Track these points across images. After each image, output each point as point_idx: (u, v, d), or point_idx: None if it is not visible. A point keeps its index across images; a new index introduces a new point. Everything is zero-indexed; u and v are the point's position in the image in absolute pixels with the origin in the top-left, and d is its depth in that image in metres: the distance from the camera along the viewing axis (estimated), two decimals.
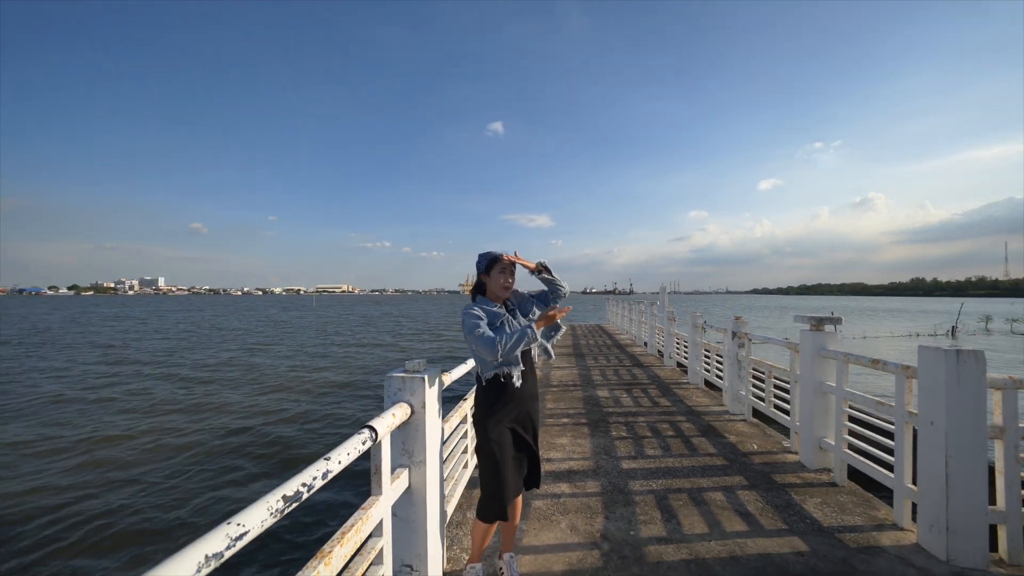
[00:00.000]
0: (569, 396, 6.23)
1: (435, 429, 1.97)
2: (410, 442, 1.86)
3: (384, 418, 1.60)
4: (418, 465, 1.86)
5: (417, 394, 1.86)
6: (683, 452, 3.98)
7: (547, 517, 2.81)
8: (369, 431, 1.46)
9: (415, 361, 1.94)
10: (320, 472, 1.18)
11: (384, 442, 1.57)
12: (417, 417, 1.86)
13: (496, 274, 2.16)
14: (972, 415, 2.26)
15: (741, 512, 2.86)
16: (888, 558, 2.35)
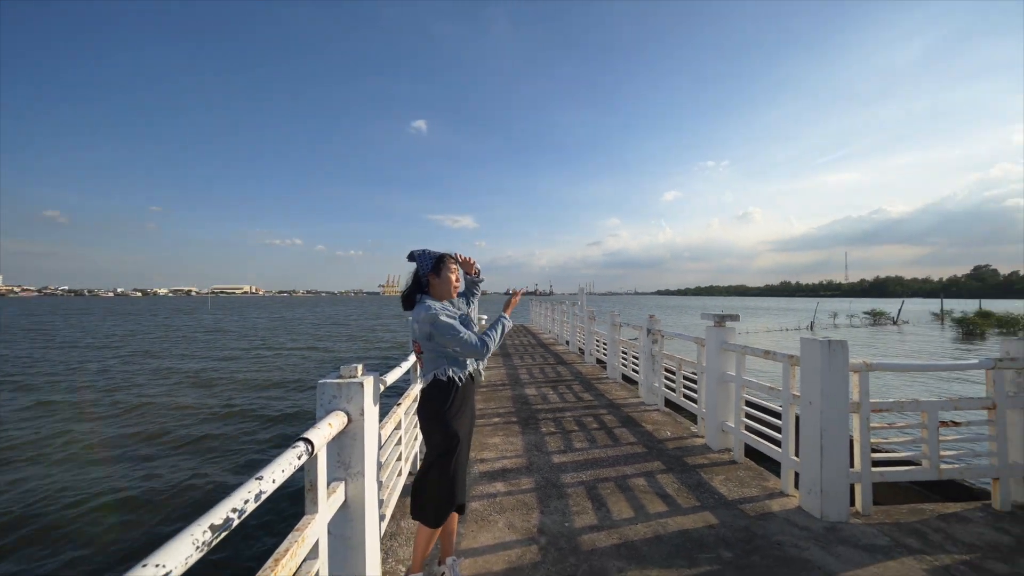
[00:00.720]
0: (499, 396, 6.29)
1: (373, 437, 1.86)
2: (347, 453, 1.73)
3: (320, 429, 1.47)
4: (355, 477, 1.73)
5: (354, 401, 1.74)
6: (607, 443, 4.23)
7: (484, 517, 2.80)
8: (304, 444, 1.33)
9: (350, 365, 1.81)
10: (252, 494, 1.05)
11: (320, 455, 1.44)
12: (355, 426, 1.74)
13: (447, 274, 2.17)
14: (839, 394, 2.73)
15: (661, 494, 3.12)
16: (778, 521, 2.73)
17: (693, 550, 2.43)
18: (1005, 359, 2.90)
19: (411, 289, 2.18)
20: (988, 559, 2.33)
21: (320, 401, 1.74)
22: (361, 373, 1.84)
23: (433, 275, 2.16)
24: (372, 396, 1.86)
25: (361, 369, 1.85)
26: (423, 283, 2.17)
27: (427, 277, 2.17)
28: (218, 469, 6.36)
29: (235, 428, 8.32)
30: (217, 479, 6.01)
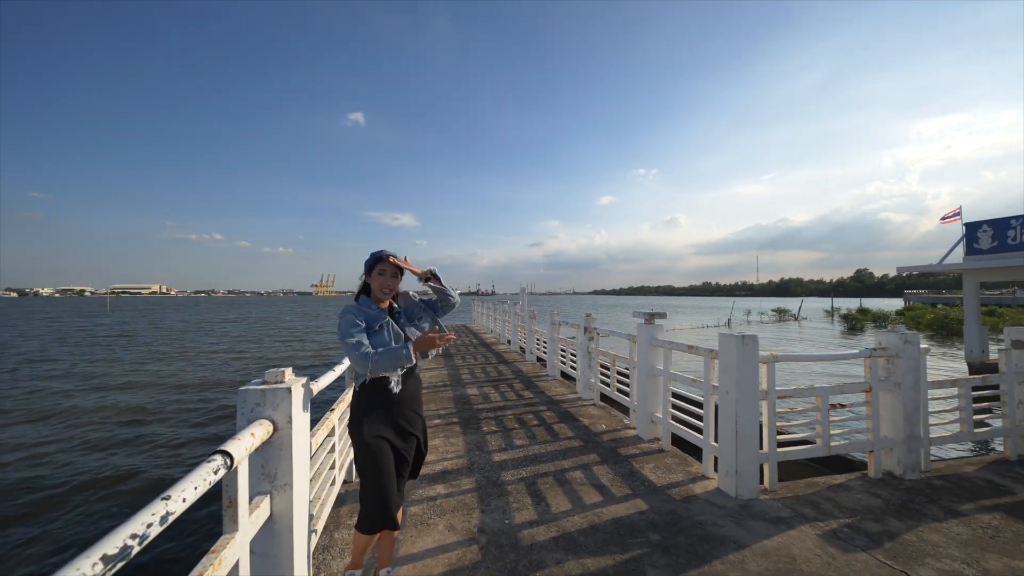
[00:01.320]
0: (440, 397, 6.19)
1: (303, 447, 1.75)
2: (272, 464, 1.61)
3: (241, 440, 1.35)
4: (282, 490, 1.62)
5: (281, 408, 1.62)
6: (547, 439, 4.33)
7: (424, 521, 2.75)
8: (222, 457, 1.21)
9: (276, 370, 1.69)
10: (157, 516, 0.94)
11: (241, 468, 1.33)
12: (281, 435, 1.62)
13: (376, 275, 2.07)
14: (751, 383, 3.02)
15: (596, 485, 3.25)
16: (700, 503, 2.96)
17: (625, 536, 2.56)
18: (878, 349, 3.40)
19: (359, 290, 2.16)
20: (865, 520, 2.71)
21: (242, 409, 1.60)
22: (289, 378, 1.72)
23: (368, 275, 2.12)
24: (301, 402, 1.75)
25: (289, 373, 1.73)
26: (366, 284, 2.13)
27: (366, 277, 2.12)
28: (123, 492, 5.61)
29: (146, 443, 7.39)
30: (120, 503, 5.30)
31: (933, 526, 2.65)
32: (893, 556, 2.35)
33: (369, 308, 2.06)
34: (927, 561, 2.30)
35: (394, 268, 2.09)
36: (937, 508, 2.87)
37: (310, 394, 1.91)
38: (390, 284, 2.08)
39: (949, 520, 2.72)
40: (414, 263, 2.18)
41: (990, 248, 12.42)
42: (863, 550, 2.40)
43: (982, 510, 2.85)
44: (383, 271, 2.08)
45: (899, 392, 3.31)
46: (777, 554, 2.36)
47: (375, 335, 2.01)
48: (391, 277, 2.09)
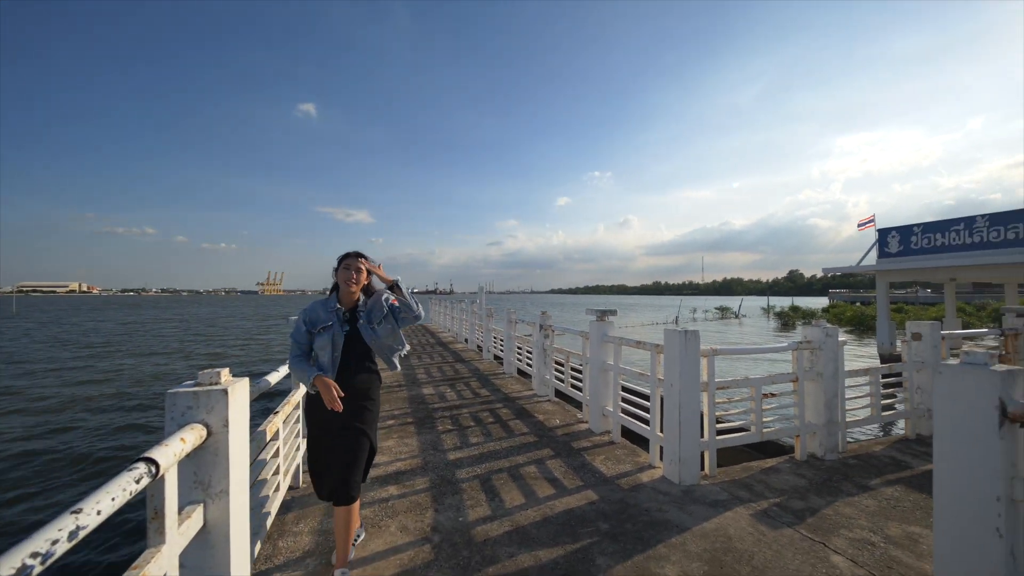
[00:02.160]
0: (394, 397, 6.05)
1: (242, 451, 1.65)
2: (206, 471, 1.51)
3: (169, 446, 1.25)
4: (218, 498, 1.52)
5: (216, 411, 1.52)
6: (502, 435, 4.36)
7: (376, 524, 2.68)
8: (146, 465, 1.12)
9: (212, 371, 1.58)
10: (65, 532, 0.86)
11: (169, 476, 1.23)
12: (216, 439, 1.52)
13: (341, 269, 2.24)
14: (693, 376, 3.21)
15: (550, 479, 3.32)
16: (647, 491, 3.11)
17: (576, 526, 2.64)
18: (804, 342, 3.72)
19: (332, 287, 2.32)
20: (791, 499, 2.96)
21: (171, 414, 1.48)
22: (226, 379, 1.61)
23: (335, 273, 2.28)
24: (240, 404, 1.65)
25: (226, 374, 1.63)
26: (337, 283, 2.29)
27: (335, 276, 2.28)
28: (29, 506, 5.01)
29: (60, 456, 6.63)
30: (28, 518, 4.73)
31: (847, 500, 2.94)
32: (814, 529, 2.58)
33: (324, 308, 2.22)
34: (841, 532, 2.56)
35: (358, 264, 2.24)
36: (851, 484, 3.19)
37: (250, 396, 1.80)
38: (351, 277, 2.22)
39: (860, 495, 3.03)
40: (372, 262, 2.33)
41: (898, 252, 13.93)
42: (789, 526, 2.62)
43: (887, 484, 3.21)
44: (348, 266, 2.23)
45: (821, 381, 3.65)
46: (715, 535, 2.53)
47: (318, 336, 2.18)
48: (355, 271, 2.22)
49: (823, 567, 2.24)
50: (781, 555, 2.34)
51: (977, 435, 1.58)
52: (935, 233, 12.97)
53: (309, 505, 2.91)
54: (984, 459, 1.56)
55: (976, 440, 1.58)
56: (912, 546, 2.42)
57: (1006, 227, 11.60)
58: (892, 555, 2.34)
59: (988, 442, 1.55)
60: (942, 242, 12.80)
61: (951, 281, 15.13)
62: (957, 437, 1.64)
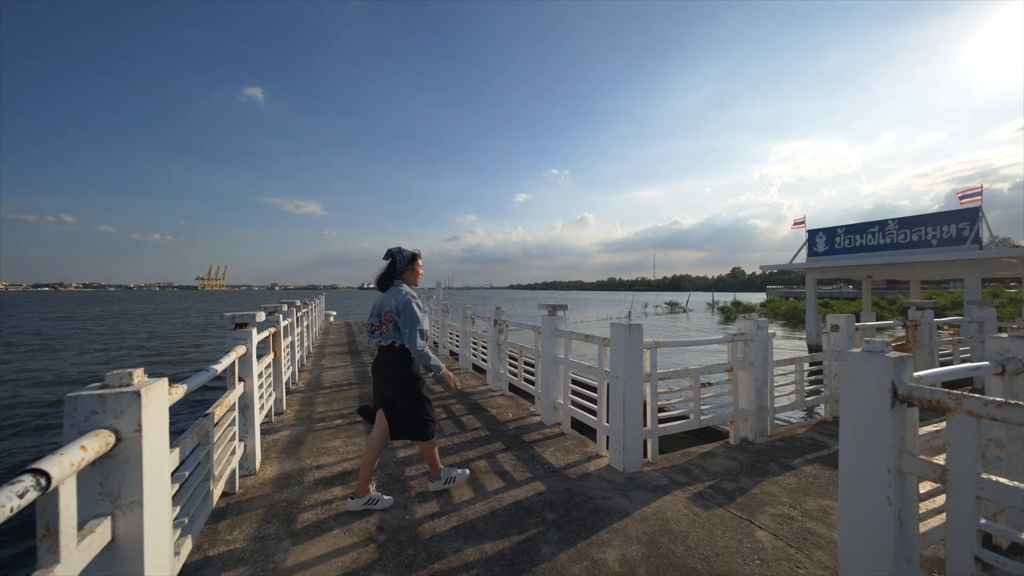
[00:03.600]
0: (343, 396, 5.85)
1: (159, 458, 1.53)
2: (115, 480, 1.38)
3: (65, 455, 1.14)
4: (129, 509, 1.40)
5: (127, 415, 1.40)
6: (454, 431, 4.34)
7: (317, 526, 2.59)
8: (33, 477, 1.01)
9: (122, 371, 1.45)
10: None
11: (65, 488, 1.12)
12: (127, 446, 1.40)
13: (416, 268, 2.92)
14: (637, 368, 3.34)
15: (500, 472, 3.35)
16: (593, 479, 3.21)
17: (524, 517, 2.68)
18: (737, 335, 3.98)
19: (387, 276, 2.86)
20: (724, 481, 3.17)
21: (71, 420, 1.34)
22: (139, 380, 1.49)
23: (408, 268, 2.88)
24: (157, 408, 1.53)
25: (140, 375, 1.50)
26: (398, 272, 2.86)
27: (402, 269, 2.86)
28: None
29: None
30: None
31: (772, 479, 3.19)
32: (742, 508, 2.78)
33: (420, 296, 2.87)
34: (765, 509, 2.77)
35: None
36: (776, 465, 3.46)
37: (169, 398, 1.67)
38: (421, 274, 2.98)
39: (784, 474, 3.30)
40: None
41: (824, 251, 15.22)
42: (720, 506, 2.81)
43: (807, 463, 3.51)
44: (419, 266, 2.95)
45: (752, 370, 3.92)
46: (654, 518, 2.66)
47: (424, 318, 2.81)
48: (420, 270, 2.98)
49: (748, 542, 2.42)
50: (712, 533, 2.50)
51: (873, 414, 1.76)
52: (855, 234, 14.30)
53: (245, 511, 2.76)
54: (878, 436, 1.74)
55: (872, 419, 1.76)
56: (825, 518, 2.66)
57: (911, 230, 12.99)
58: (808, 527, 2.57)
59: (882, 420, 1.73)
60: (860, 242, 14.13)
61: (868, 278, 16.76)
62: (857, 416, 1.82)
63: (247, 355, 3.30)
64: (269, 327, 4.91)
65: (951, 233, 12.06)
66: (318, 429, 4.45)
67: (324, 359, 9.07)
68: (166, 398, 1.62)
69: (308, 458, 3.66)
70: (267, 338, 4.73)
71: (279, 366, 4.99)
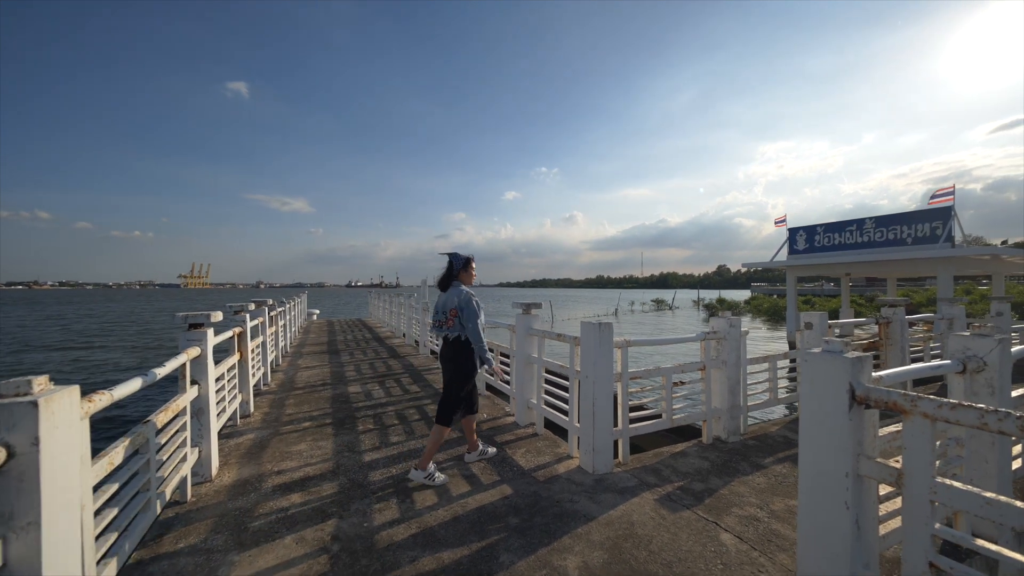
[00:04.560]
0: (315, 397, 5.69)
1: (67, 473, 1.40)
2: (6, 500, 1.25)
3: None
4: (24, 531, 1.27)
5: (21, 428, 1.27)
6: (425, 433, 4.24)
7: (269, 536, 2.47)
8: None
9: (18, 380, 1.32)
10: None
11: None
12: (21, 462, 1.27)
13: (471, 271, 3.33)
14: (607, 367, 3.28)
15: (467, 476, 3.26)
16: (561, 482, 3.14)
17: (486, 523, 2.60)
18: (710, 333, 3.95)
19: (447, 278, 3.30)
20: (693, 481, 3.13)
21: None
22: (40, 388, 1.36)
23: (463, 270, 3.30)
24: (64, 419, 1.40)
25: (43, 382, 1.37)
26: (455, 273, 3.28)
27: (459, 271, 3.29)
28: None
29: None
30: None
31: (741, 479, 3.16)
32: (709, 510, 2.74)
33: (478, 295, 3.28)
34: (732, 510, 2.73)
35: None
36: (747, 464, 3.44)
37: (82, 408, 1.54)
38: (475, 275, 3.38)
39: (754, 473, 3.27)
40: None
41: (804, 249, 15.44)
42: (688, 508, 2.76)
43: (777, 462, 3.50)
44: (473, 269, 3.35)
45: (725, 369, 3.90)
46: (619, 522, 2.60)
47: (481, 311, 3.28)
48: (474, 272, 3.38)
49: (712, 545, 2.38)
50: (677, 537, 2.45)
51: (831, 416, 1.71)
52: (834, 233, 14.52)
53: (195, 521, 2.62)
54: (836, 438, 1.69)
55: (830, 421, 1.71)
56: (791, 519, 2.63)
57: (887, 228, 13.23)
58: (773, 528, 2.53)
59: (839, 422, 1.68)
60: (839, 240, 14.35)
61: (846, 276, 17.06)
62: (816, 418, 1.77)
63: (201, 357, 3.14)
64: (235, 327, 4.74)
65: (925, 232, 12.31)
66: (284, 432, 4.30)
67: (301, 359, 8.87)
68: (76, 408, 1.49)
69: (270, 463, 3.52)
70: (231, 338, 4.57)
71: (246, 367, 4.82)
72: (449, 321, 3.17)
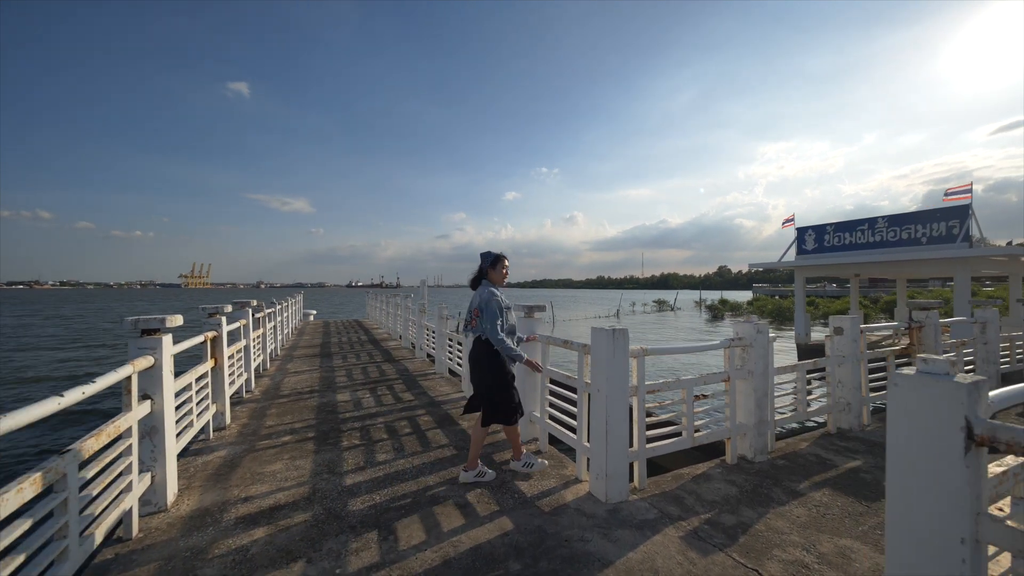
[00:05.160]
0: (300, 406, 5.27)
1: None
2: None
3: None
4: None
5: None
6: (416, 450, 3.82)
7: None
8: None
9: None
10: None
11: None
12: None
13: (500, 269, 3.21)
14: (622, 380, 2.86)
15: (461, 504, 2.84)
16: (570, 513, 2.72)
17: (482, 569, 2.17)
18: (735, 339, 3.52)
19: (477, 277, 3.23)
20: (723, 513, 2.70)
21: None
22: None
23: (491, 268, 3.20)
24: None
25: None
26: (484, 272, 3.21)
27: (487, 269, 3.20)
28: None
29: None
30: None
31: (778, 511, 2.73)
32: (746, 552, 2.31)
33: (503, 294, 3.17)
34: (774, 552, 2.31)
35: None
36: (781, 491, 3.01)
37: None
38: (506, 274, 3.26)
39: (790, 502, 2.84)
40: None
41: (814, 249, 15.00)
42: (720, 549, 2.33)
43: (814, 487, 3.07)
44: (504, 266, 3.23)
45: (752, 379, 3.47)
46: (640, 568, 2.17)
47: (508, 312, 3.15)
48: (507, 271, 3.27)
49: None
50: None
51: (938, 461, 1.28)
52: (845, 232, 14.08)
53: (135, 566, 2.20)
54: (946, 491, 1.27)
55: (936, 467, 1.29)
56: (846, 564, 2.21)
57: (901, 228, 12.79)
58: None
59: (951, 470, 1.26)
60: (850, 240, 13.91)
61: (855, 276, 16.62)
62: (913, 463, 1.35)
63: (155, 368, 2.73)
64: (209, 330, 4.32)
65: (941, 231, 11.87)
66: (260, 448, 3.88)
67: (291, 362, 8.45)
68: None
69: (238, 487, 3.10)
70: (204, 343, 4.15)
71: (221, 375, 4.41)
72: (473, 321, 3.12)
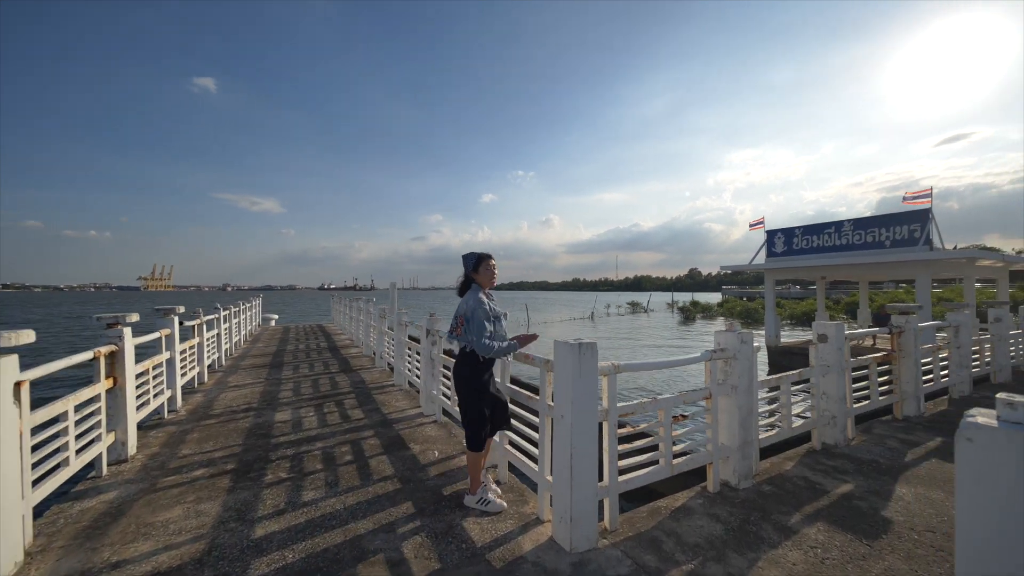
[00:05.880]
0: (228, 429, 4.58)
1: None
2: None
3: None
4: None
5: None
6: (353, 484, 3.24)
7: None
8: None
9: None
10: None
11: None
12: None
13: (484, 270, 2.92)
14: (590, 403, 2.40)
15: (394, 562, 2.30)
16: (527, 568, 2.23)
17: None
18: (717, 351, 3.13)
19: (464, 282, 2.96)
20: (708, 562, 2.27)
21: None
22: None
23: (475, 272, 2.93)
24: None
25: None
26: (470, 277, 2.95)
27: (471, 274, 2.94)
28: None
29: None
30: None
31: (770, 556, 2.32)
32: None
33: (491, 300, 2.91)
34: None
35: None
36: (771, 527, 2.61)
37: None
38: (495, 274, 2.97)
39: (783, 544, 2.44)
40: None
41: (783, 252, 15.15)
42: None
43: (807, 520, 2.69)
44: (490, 266, 2.94)
45: (735, 396, 3.08)
46: None
47: (498, 322, 2.90)
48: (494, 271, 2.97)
49: None
50: None
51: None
52: (812, 235, 14.26)
53: None
54: None
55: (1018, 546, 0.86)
56: None
57: (866, 231, 13.02)
58: None
59: None
60: (818, 243, 14.10)
61: (822, 279, 16.94)
62: (989, 535, 0.92)
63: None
64: (105, 344, 3.62)
65: (903, 234, 12.11)
66: (162, 488, 3.22)
67: (235, 374, 7.65)
68: None
69: (112, 547, 2.46)
70: (94, 360, 3.45)
71: (121, 398, 3.70)
72: (458, 329, 2.85)
